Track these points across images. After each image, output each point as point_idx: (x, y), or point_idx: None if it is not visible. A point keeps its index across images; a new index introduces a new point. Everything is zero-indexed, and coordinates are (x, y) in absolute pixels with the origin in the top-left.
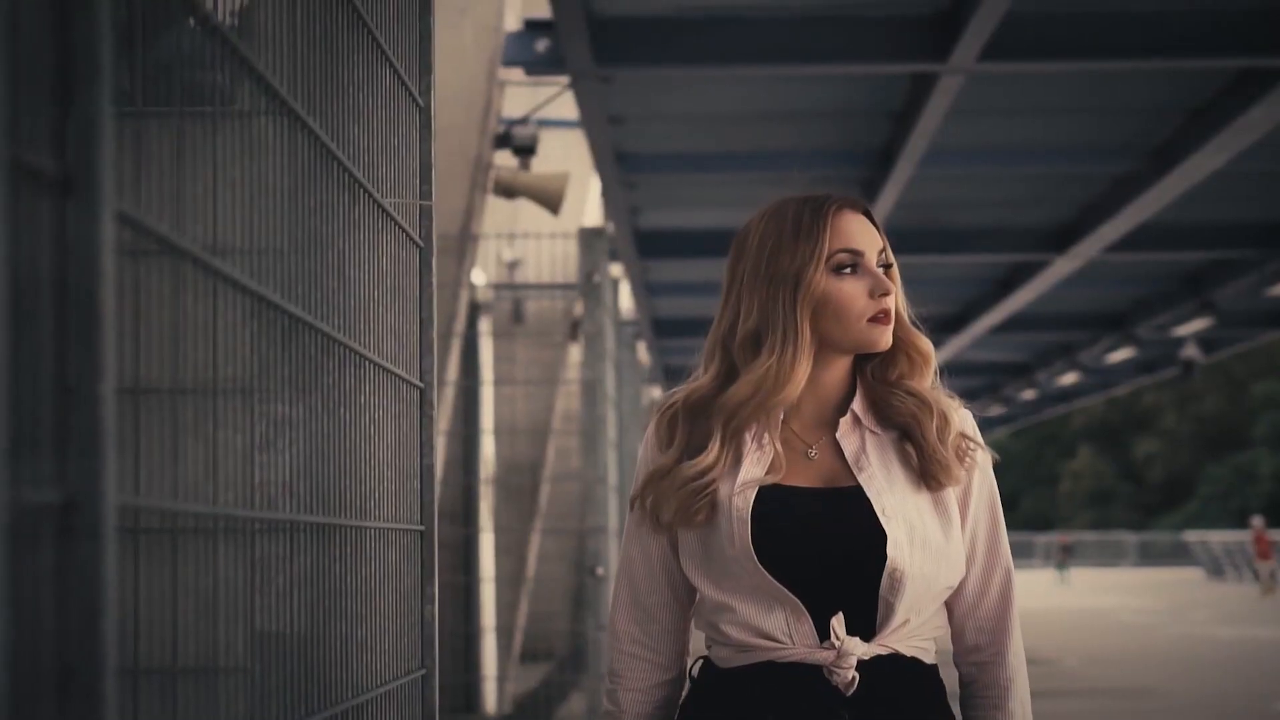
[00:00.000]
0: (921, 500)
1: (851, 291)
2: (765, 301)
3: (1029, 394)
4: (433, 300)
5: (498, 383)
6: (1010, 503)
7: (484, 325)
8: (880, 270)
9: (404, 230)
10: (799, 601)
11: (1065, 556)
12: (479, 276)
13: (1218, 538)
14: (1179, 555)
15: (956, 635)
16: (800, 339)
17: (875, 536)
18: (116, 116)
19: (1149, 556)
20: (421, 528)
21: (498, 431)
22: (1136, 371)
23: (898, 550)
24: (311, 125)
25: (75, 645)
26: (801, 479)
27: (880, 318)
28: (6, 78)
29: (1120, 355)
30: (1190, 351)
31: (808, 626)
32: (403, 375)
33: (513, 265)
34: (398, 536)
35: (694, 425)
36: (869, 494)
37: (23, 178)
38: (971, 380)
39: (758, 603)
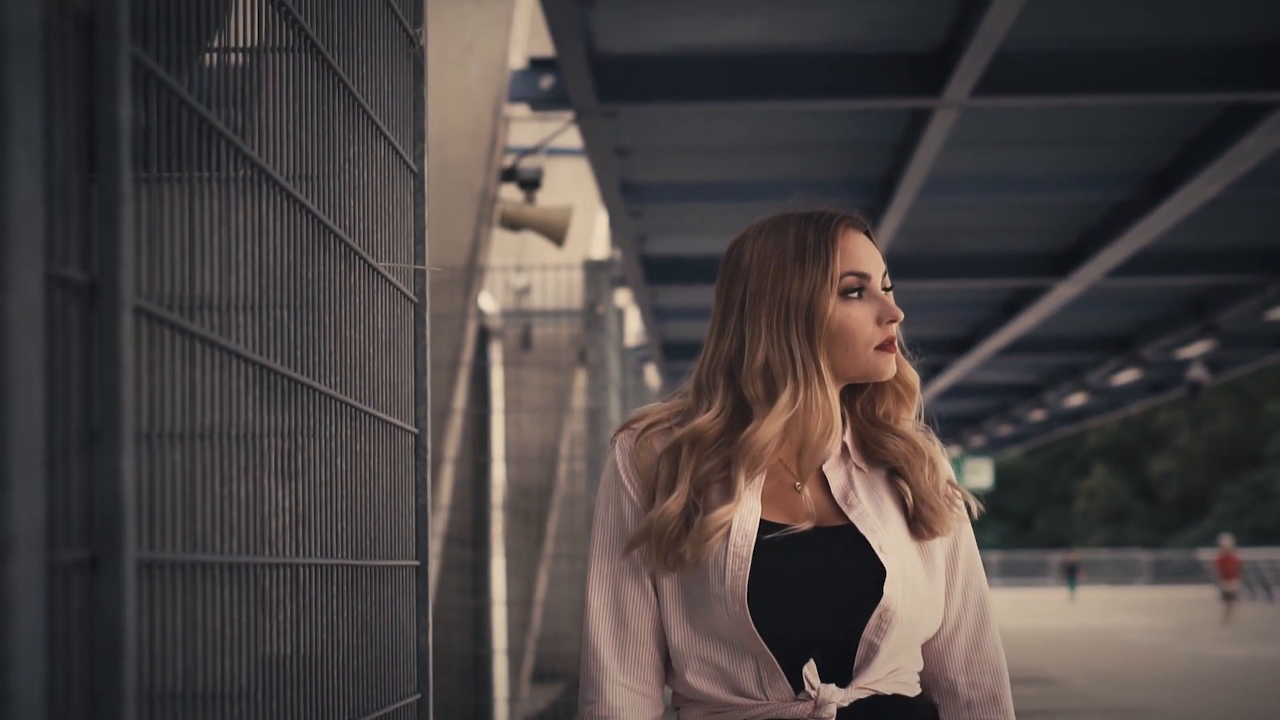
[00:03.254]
0: (911, 543)
1: (860, 318)
2: (775, 331)
3: (1038, 414)
4: (426, 351)
5: (507, 410)
6: (1025, 521)
7: (494, 353)
8: (885, 294)
9: (398, 289)
10: (772, 656)
11: (1067, 575)
12: (489, 303)
13: None
14: (1193, 574)
15: (946, 692)
16: (824, 373)
17: (872, 574)
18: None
19: (1163, 575)
20: (416, 563)
21: (507, 457)
22: (1144, 392)
23: (894, 588)
24: (310, 207)
25: (101, 676)
26: (792, 516)
27: (887, 345)
28: (45, 209)
29: (1127, 377)
30: (1197, 373)
31: (782, 681)
32: (397, 423)
33: (521, 291)
34: (393, 573)
35: (700, 463)
36: (863, 530)
37: (56, 286)
38: (980, 401)
39: (728, 650)
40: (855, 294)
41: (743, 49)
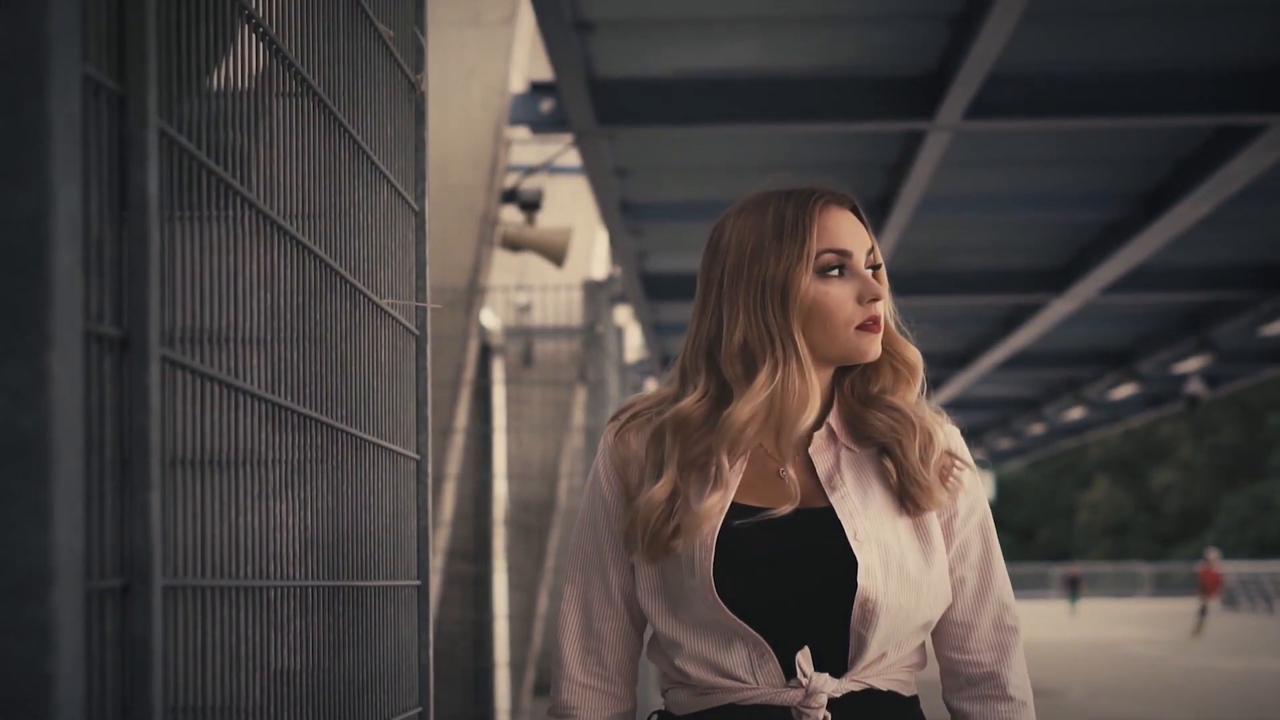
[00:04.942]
0: (900, 525)
1: (839, 296)
2: (752, 310)
3: (1038, 428)
4: (427, 381)
5: (509, 427)
6: (1027, 534)
7: (496, 370)
8: (869, 272)
9: (401, 323)
10: (760, 638)
11: (1069, 588)
12: (490, 320)
13: (1233, 569)
14: (1194, 586)
15: (947, 672)
16: (801, 351)
17: (846, 563)
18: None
19: (1164, 587)
20: (418, 582)
21: (509, 473)
22: (1142, 406)
23: (870, 579)
24: (316, 250)
25: (132, 693)
26: (771, 499)
27: (869, 325)
28: (81, 272)
29: (1124, 391)
30: (1195, 387)
31: (772, 664)
32: (399, 450)
33: (523, 309)
34: (396, 592)
35: (686, 448)
36: (840, 516)
37: (92, 341)
38: (980, 415)
39: (716, 637)
40: (835, 271)
41: (738, 73)
